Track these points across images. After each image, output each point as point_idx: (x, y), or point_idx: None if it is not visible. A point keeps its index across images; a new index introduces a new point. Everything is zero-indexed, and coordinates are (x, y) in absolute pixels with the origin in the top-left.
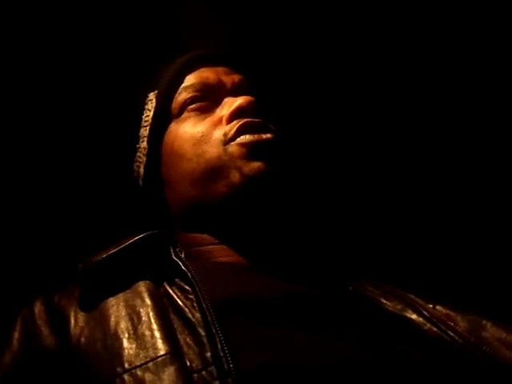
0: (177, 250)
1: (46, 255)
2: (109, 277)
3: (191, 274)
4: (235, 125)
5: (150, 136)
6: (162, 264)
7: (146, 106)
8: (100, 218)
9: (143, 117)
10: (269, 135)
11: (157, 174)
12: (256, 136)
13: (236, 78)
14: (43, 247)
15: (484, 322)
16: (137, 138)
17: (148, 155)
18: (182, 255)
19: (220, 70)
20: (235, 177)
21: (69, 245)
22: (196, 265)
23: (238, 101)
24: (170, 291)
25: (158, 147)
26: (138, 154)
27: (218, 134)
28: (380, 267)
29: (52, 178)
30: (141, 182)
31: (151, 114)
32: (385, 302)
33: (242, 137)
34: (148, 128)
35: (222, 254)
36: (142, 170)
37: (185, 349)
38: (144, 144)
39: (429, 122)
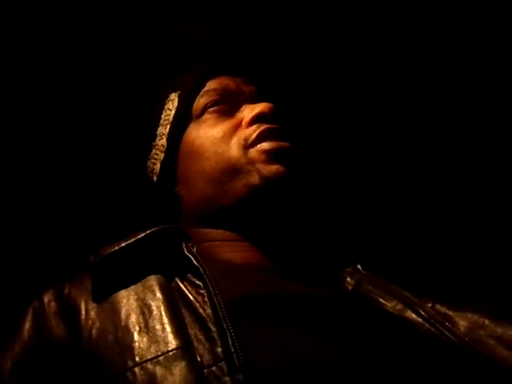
0: (189, 245)
1: (56, 247)
2: (120, 270)
3: (203, 270)
4: (255, 130)
5: (169, 134)
6: (174, 259)
7: (167, 106)
8: (110, 212)
9: (162, 116)
10: (286, 142)
11: (172, 171)
12: (275, 143)
13: (253, 88)
14: (54, 239)
15: (482, 320)
16: (154, 136)
17: (166, 152)
18: (194, 250)
19: (239, 79)
20: (255, 178)
21: (79, 237)
22: (208, 262)
23: (259, 106)
24: (182, 286)
25: (177, 145)
26: (155, 151)
27: (239, 136)
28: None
29: (64, 171)
30: (155, 178)
31: (172, 113)
32: (384, 302)
33: (262, 143)
34: (168, 126)
35: (233, 249)
36: (158, 166)
37: (195, 343)
38: (162, 141)
39: (422, 118)
